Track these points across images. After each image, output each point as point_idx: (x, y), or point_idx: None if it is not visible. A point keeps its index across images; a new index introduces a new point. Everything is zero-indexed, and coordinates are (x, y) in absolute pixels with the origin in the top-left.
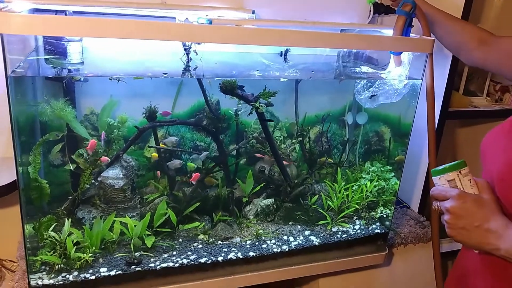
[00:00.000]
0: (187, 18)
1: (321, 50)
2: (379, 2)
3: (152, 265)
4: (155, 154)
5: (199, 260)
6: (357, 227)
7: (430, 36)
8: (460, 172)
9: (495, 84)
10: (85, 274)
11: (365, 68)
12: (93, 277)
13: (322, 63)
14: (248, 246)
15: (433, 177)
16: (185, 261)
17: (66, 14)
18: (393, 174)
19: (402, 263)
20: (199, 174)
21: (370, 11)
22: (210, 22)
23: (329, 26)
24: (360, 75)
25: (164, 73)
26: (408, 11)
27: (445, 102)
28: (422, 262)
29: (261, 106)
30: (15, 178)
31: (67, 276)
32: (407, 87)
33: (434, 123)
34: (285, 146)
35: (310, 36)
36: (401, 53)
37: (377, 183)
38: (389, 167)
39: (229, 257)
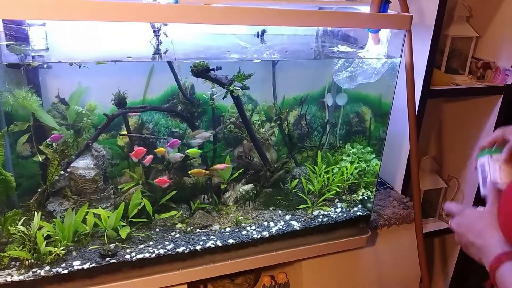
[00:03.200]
0: None
1: (301, 30)
2: None
3: (128, 256)
4: (162, 149)
5: (177, 250)
6: (338, 210)
7: (408, 12)
8: (491, 156)
9: (477, 61)
10: (57, 268)
11: (343, 48)
12: (66, 271)
13: (300, 44)
14: (228, 233)
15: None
16: (162, 251)
17: None
18: (374, 156)
19: (385, 244)
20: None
21: None
22: (177, 1)
23: (307, 4)
24: (338, 54)
25: (128, 56)
26: None
27: (427, 80)
28: (406, 242)
29: (236, 89)
30: None
31: (39, 271)
32: (386, 66)
33: (414, 102)
34: (263, 130)
35: (285, 14)
36: (379, 30)
37: (358, 165)
38: (370, 149)
39: (208, 245)
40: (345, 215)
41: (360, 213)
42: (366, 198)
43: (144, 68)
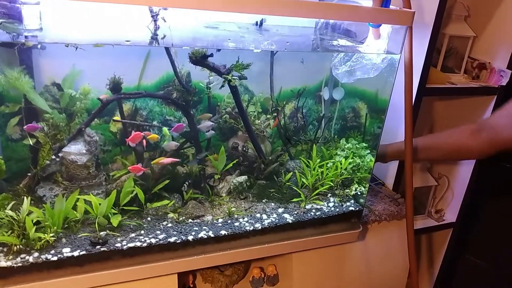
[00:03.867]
0: None
1: (300, 22)
2: None
3: (119, 245)
4: (154, 136)
5: (169, 240)
6: (331, 204)
7: (410, 8)
8: None
9: (472, 61)
10: (46, 255)
11: (342, 41)
12: (55, 258)
13: (300, 35)
14: (220, 224)
15: None
16: (153, 240)
17: None
18: (369, 151)
19: (376, 240)
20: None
21: None
22: None
23: None
24: (337, 48)
25: (126, 40)
26: None
27: (423, 78)
28: (396, 238)
29: (234, 79)
30: None
31: (27, 257)
32: (385, 62)
33: (411, 99)
34: (259, 121)
35: (285, 4)
36: (380, 25)
37: (352, 160)
38: (364, 144)
39: (200, 235)
40: (337, 209)
41: (353, 208)
42: (359, 193)
43: (140, 53)
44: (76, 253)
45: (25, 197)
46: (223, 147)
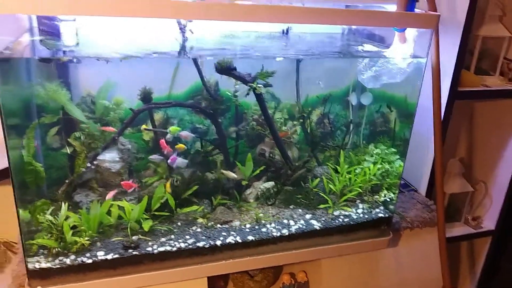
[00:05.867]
0: None
1: (326, 28)
2: None
3: (150, 249)
4: (182, 146)
5: (198, 244)
6: (360, 211)
7: (436, 11)
8: None
9: (508, 62)
10: (82, 257)
11: (368, 46)
12: (90, 260)
13: (325, 42)
14: (248, 230)
15: None
16: (183, 245)
17: None
18: (398, 157)
19: (407, 247)
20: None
21: None
22: None
23: (333, 2)
24: (363, 53)
25: (153, 53)
26: None
27: (454, 81)
28: (429, 246)
29: (259, 86)
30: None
31: (64, 259)
32: (411, 66)
33: (439, 103)
34: (286, 128)
35: (310, 12)
36: (405, 29)
37: (381, 165)
38: (393, 149)
39: (228, 241)
40: (366, 216)
41: (382, 215)
42: (388, 199)
43: (170, 64)
44: (109, 256)
45: (63, 203)
46: (250, 154)
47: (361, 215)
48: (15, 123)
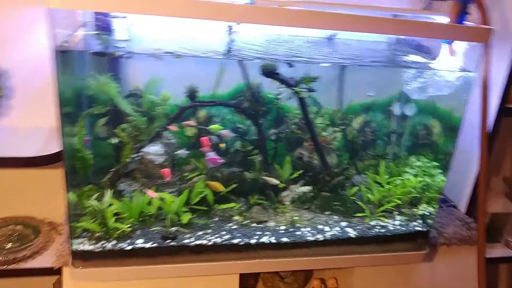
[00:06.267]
0: None
1: (373, 36)
2: None
3: (187, 241)
4: (222, 144)
5: (232, 241)
6: (397, 222)
7: (489, 24)
8: None
9: None
10: (122, 244)
11: (415, 57)
12: (129, 247)
13: (371, 50)
14: (282, 231)
15: None
16: (218, 240)
17: None
18: (440, 171)
19: (444, 264)
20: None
21: None
22: (252, 2)
23: (380, 11)
24: (409, 64)
25: (202, 52)
26: None
27: (503, 98)
28: (466, 265)
29: (302, 91)
30: None
31: (106, 244)
32: (459, 79)
33: (486, 119)
34: (326, 133)
35: (359, 20)
36: (453, 42)
37: (421, 178)
38: (436, 163)
39: (262, 240)
40: (403, 228)
41: (419, 228)
42: (427, 213)
43: (216, 64)
44: (148, 245)
45: (108, 190)
46: (289, 157)
47: (398, 227)
48: (69, 112)
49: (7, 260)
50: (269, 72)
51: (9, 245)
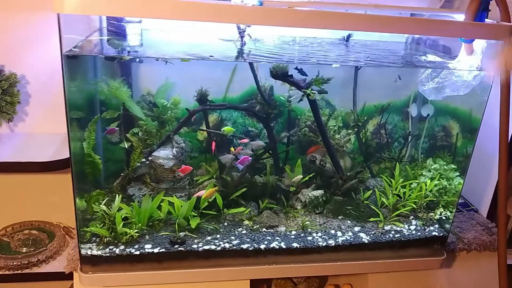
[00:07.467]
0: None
1: (388, 36)
2: None
3: (195, 246)
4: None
5: (242, 246)
6: (412, 227)
7: (510, 21)
8: None
9: None
10: (130, 248)
11: (431, 57)
12: (137, 252)
13: (386, 50)
14: (293, 236)
15: None
16: (227, 245)
17: None
18: (458, 174)
19: (463, 270)
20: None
21: None
22: (261, 3)
23: (398, 10)
24: (425, 64)
25: (210, 56)
26: None
27: None
28: (486, 272)
29: (313, 93)
30: None
31: (114, 249)
32: (477, 79)
33: (507, 120)
34: (339, 136)
35: (372, 20)
36: (473, 40)
37: (438, 182)
38: (453, 166)
39: (272, 245)
40: (419, 233)
41: (436, 233)
42: (444, 218)
43: (227, 67)
44: (156, 250)
45: (117, 195)
46: (300, 160)
47: (414, 232)
48: (79, 116)
49: (21, 265)
50: (278, 74)
51: (25, 249)
